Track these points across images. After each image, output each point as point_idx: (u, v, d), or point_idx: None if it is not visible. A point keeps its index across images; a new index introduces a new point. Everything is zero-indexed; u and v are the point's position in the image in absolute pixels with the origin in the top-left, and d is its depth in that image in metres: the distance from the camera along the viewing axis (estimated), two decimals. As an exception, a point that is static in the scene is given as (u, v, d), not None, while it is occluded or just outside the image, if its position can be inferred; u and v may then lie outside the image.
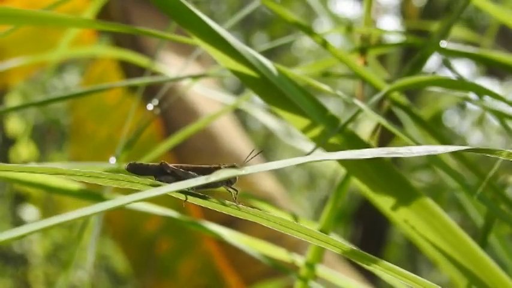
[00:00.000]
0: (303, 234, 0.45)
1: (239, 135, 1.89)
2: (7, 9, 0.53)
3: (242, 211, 0.45)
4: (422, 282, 0.45)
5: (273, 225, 0.45)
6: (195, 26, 0.58)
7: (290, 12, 0.69)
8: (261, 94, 0.62)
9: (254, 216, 0.45)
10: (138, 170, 0.52)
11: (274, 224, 0.45)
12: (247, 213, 0.45)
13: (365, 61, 0.78)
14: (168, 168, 0.51)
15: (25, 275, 3.49)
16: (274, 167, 0.37)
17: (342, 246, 0.45)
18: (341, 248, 0.45)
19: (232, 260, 1.70)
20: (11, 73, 2.11)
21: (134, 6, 1.99)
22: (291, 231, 0.45)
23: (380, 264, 0.45)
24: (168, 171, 0.51)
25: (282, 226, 0.45)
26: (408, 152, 0.39)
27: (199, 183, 0.38)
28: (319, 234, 0.45)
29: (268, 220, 0.45)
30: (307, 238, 0.45)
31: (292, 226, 0.45)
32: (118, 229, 1.86)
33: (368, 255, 0.45)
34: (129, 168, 0.52)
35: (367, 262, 0.46)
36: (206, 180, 0.37)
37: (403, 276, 0.45)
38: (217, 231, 0.78)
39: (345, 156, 0.40)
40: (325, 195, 4.46)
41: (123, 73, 1.95)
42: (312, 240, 0.45)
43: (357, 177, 0.63)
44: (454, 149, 0.39)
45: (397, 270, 0.45)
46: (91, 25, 0.68)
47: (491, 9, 0.80)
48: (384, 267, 0.45)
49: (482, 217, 0.80)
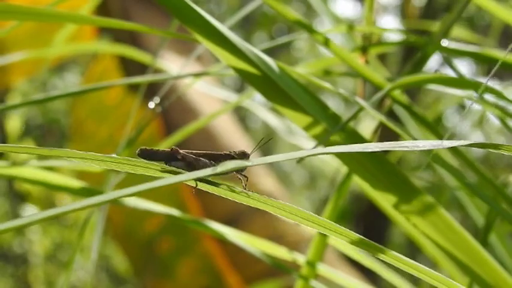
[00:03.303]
0: (310, 222, 0.45)
1: (239, 134, 1.89)
2: (9, 6, 0.53)
3: (251, 198, 0.45)
4: (426, 271, 0.45)
5: (281, 213, 0.45)
6: (197, 23, 0.58)
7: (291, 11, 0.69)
8: (262, 92, 0.62)
9: (263, 203, 0.45)
10: (149, 156, 0.52)
11: (283, 211, 0.45)
12: (256, 200, 0.45)
13: (366, 60, 0.78)
14: (178, 154, 0.51)
15: (25, 275, 3.48)
16: (277, 159, 0.37)
17: (350, 235, 0.45)
18: (349, 236, 0.45)
19: (233, 260, 1.70)
20: (12, 72, 2.11)
21: (134, 6, 1.99)
22: (299, 219, 0.45)
23: (386, 254, 0.45)
24: (178, 157, 0.51)
25: (290, 214, 0.45)
26: (414, 146, 0.39)
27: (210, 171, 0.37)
28: (327, 222, 0.45)
29: (276, 208, 0.45)
30: (314, 227, 0.45)
31: (301, 214, 0.44)
32: (119, 229, 1.86)
33: (375, 244, 0.45)
34: (140, 153, 0.52)
35: (374, 251, 0.45)
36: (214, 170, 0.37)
37: (407, 266, 0.45)
38: (218, 230, 0.78)
39: (348, 149, 0.40)
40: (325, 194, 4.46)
41: (123, 73, 1.95)
42: (319, 228, 0.45)
43: (358, 175, 0.63)
44: (458, 144, 0.39)
45: (402, 259, 0.45)
46: (92, 22, 0.68)
47: (492, 8, 0.80)
48: (390, 257, 0.45)
49: (483, 216, 0.80)
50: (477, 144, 0.40)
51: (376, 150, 0.38)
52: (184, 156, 0.51)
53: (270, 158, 0.38)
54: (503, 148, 0.39)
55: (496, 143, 0.39)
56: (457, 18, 0.75)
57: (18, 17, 0.56)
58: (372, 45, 0.80)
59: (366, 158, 0.61)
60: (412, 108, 0.71)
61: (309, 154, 0.36)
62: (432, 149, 0.39)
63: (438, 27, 0.91)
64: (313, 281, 0.74)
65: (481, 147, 0.40)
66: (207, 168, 0.50)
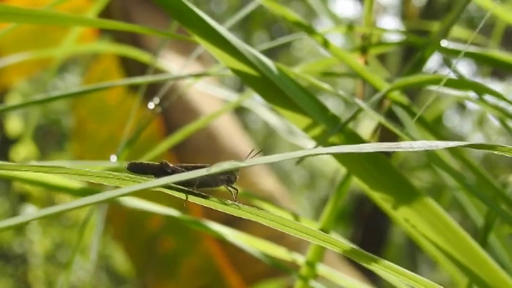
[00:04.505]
0: (303, 233, 0.45)
1: (240, 134, 1.89)
2: (9, 8, 0.53)
3: (242, 210, 0.45)
4: (422, 281, 0.45)
5: (273, 224, 0.45)
6: (196, 24, 0.58)
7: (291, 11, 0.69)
8: (261, 93, 0.62)
9: (254, 215, 0.45)
10: (138, 170, 0.52)
11: (275, 223, 0.45)
12: (247, 212, 0.45)
13: (366, 60, 0.78)
14: (168, 168, 0.51)
15: (25, 275, 3.48)
16: (274, 160, 0.37)
17: (342, 245, 0.45)
18: (341, 247, 0.45)
19: (233, 260, 1.70)
20: (12, 73, 2.11)
21: (135, 7, 1.99)
22: (291, 230, 0.45)
23: (380, 263, 0.45)
24: (168, 171, 0.51)
25: (282, 225, 0.45)
26: (409, 147, 0.39)
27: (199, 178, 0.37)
28: (319, 234, 0.45)
29: (268, 219, 0.45)
30: (307, 237, 0.45)
31: (293, 225, 0.45)
32: (119, 229, 1.87)
33: (368, 255, 0.45)
34: (130, 167, 0.52)
35: (367, 261, 0.46)
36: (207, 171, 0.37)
37: (403, 275, 0.45)
38: (219, 231, 0.78)
39: (345, 150, 0.40)
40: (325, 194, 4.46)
41: (124, 73, 1.95)
42: (312, 239, 0.45)
43: (357, 176, 0.63)
44: (455, 144, 0.39)
45: (397, 269, 0.45)
46: (92, 23, 0.68)
47: (492, 8, 0.80)
48: (384, 266, 0.45)
49: (483, 217, 0.80)
50: (474, 145, 0.40)
51: (371, 151, 0.38)
52: (174, 169, 0.51)
53: (264, 158, 0.38)
54: (500, 149, 0.39)
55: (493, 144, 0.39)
56: (457, 18, 0.75)
57: (18, 19, 0.56)
58: (372, 45, 0.80)
59: (364, 159, 0.61)
60: (411, 108, 0.71)
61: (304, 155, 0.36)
62: (428, 149, 0.39)
63: (438, 28, 0.91)
64: (313, 281, 0.74)
65: (478, 148, 0.40)
66: (196, 181, 0.49)
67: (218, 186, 0.52)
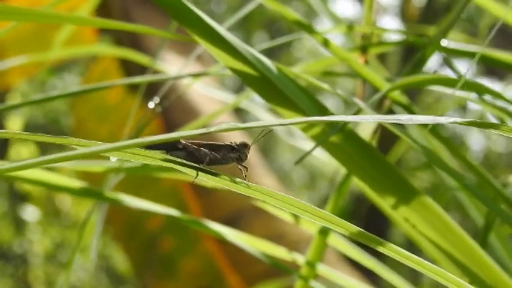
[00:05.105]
0: (313, 215, 0.45)
1: (239, 134, 1.89)
2: (8, 7, 0.53)
3: (252, 189, 0.45)
4: (427, 265, 0.45)
5: (284, 205, 0.45)
6: (195, 24, 0.58)
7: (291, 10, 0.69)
8: (260, 93, 0.62)
9: (264, 195, 0.45)
10: (149, 145, 0.51)
11: (286, 204, 0.45)
12: (257, 191, 0.45)
13: (366, 60, 0.78)
14: (180, 144, 0.51)
15: (25, 275, 3.49)
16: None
17: (349, 227, 0.45)
18: (348, 229, 0.45)
19: (233, 260, 1.70)
20: (12, 73, 2.11)
21: (135, 6, 1.99)
22: (300, 212, 0.45)
23: (386, 247, 0.45)
24: (179, 147, 0.51)
25: (293, 207, 0.45)
26: (409, 120, 0.39)
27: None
28: (328, 215, 0.45)
29: (279, 200, 0.45)
30: (316, 219, 0.45)
31: (303, 207, 0.45)
32: (119, 229, 1.87)
33: (374, 237, 0.45)
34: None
35: (374, 243, 0.45)
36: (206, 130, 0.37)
37: (408, 259, 0.45)
38: (219, 231, 0.78)
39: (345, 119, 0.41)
40: (325, 194, 4.46)
41: (123, 73, 1.95)
42: (320, 221, 0.45)
43: (357, 176, 0.63)
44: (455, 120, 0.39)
45: (403, 252, 0.45)
46: (93, 23, 0.68)
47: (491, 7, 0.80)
48: (390, 250, 0.45)
49: (483, 217, 0.80)
50: (475, 123, 0.40)
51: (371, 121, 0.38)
52: (185, 146, 0.51)
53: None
54: (500, 128, 0.40)
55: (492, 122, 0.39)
56: (457, 18, 0.75)
57: (17, 18, 0.56)
58: (372, 45, 0.80)
59: (364, 159, 0.61)
60: (411, 108, 0.71)
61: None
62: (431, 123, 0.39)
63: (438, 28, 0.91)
64: (313, 281, 0.74)
65: (479, 127, 0.40)
66: (208, 158, 0.50)
67: (229, 163, 0.52)
